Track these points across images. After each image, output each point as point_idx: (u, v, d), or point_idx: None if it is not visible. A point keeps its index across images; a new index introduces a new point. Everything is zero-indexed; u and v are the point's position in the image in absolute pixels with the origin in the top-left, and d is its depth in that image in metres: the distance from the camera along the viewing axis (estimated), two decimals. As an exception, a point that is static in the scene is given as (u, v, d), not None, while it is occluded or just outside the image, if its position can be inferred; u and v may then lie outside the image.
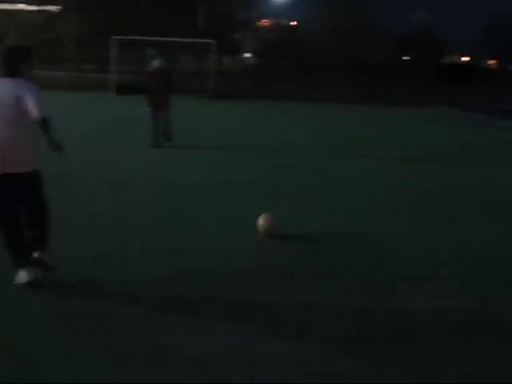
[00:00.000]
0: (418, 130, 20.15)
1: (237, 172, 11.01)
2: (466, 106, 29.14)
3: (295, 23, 67.01)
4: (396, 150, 14.69)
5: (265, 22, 63.92)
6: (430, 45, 68.01)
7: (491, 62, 74.45)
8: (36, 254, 5.24)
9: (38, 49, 39.44)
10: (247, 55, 64.99)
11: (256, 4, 51.88)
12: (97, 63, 44.06)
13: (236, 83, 35.16)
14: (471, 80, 55.28)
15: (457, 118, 26.13)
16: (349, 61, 56.89)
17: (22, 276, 5.15)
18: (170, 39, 32.17)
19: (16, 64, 5.06)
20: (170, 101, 13.33)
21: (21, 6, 41.73)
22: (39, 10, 44.45)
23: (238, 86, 33.60)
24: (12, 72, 5.05)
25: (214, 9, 47.27)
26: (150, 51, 14.41)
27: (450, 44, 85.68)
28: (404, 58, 72.68)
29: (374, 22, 61.73)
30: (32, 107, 4.86)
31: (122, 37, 30.94)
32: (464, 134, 19.69)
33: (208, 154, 12.80)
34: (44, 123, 4.86)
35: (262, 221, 7.05)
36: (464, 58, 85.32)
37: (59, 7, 46.73)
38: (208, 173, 10.81)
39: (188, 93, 28.02)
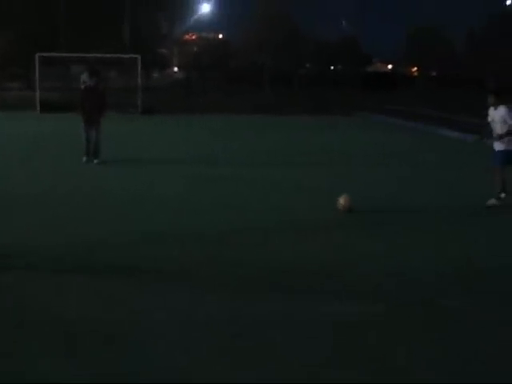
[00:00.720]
0: (340, 137, 20.66)
1: (169, 185, 11.12)
2: (389, 112, 30.00)
3: (221, 36, 67.41)
4: (323, 158, 15.04)
5: (191, 36, 64.02)
6: (355, 54, 69.47)
7: (413, 69, 76.65)
8: None
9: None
10: (175, 69, 64.93)
11: (181, 18, 51.87)
12: (21, 81, 43.22)
13: (164, 98, 35.06)
14: (393, 87, 56.93)
15: (375, 123, 27.10)
16: (277, 72, 57.52)
17: None
18: (95, 55, 31.90)
19: None
20: (101, 118, 13.52)
21: None
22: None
23: (166, 100, 33.51)
24: None
25: (138, 24, 47.01)
26: (79, 69, 14.52)
27: (375, 53, 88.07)
28: (331, 67, 74.03)
29: (300, 33, 62.70)
30: None
31: (45, 54, 30.48)
32: (379, 137, 20.52)
33: (138, 169, 12.82)
34: None
35: (342, 200, 8.85)
36: (389, 66, 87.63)
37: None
38: (139, 186, 10.87)
39: (115, 109, 27.79)
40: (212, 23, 63.20)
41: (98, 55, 32.88)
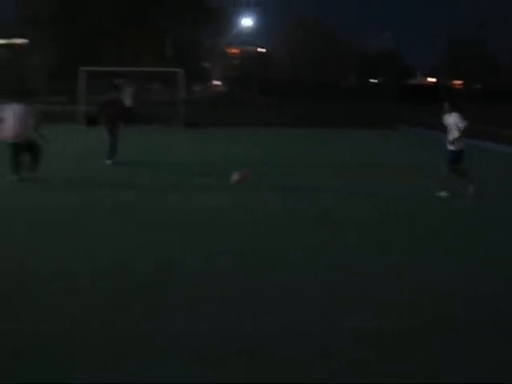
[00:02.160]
0: (376, 150, 20.53)
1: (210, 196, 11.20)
2: (430, 125, 29.69)
3: (263, 50, 67.64)
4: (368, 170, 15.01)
5: (233, 50, 64.48)
6: (396, 67, 69.15)
7: (457, 82, 75.84)
8: None
9: (6, 83, 39.37)
10: (217, 83, 65.42)
11: (224, 32, 52.34)
12: (65, 95, 43.97)
13: (206, 111, 35.33)
14: (435, 100, 56.40)
15: (417, 136, 26.98)
16: (318, 85, 57.54)
17: None
18: (139, 69, 32.33)
19: None
20: (119, 125, 15.41)
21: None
22: (6, 44, 44.37)
23: (208, 113, 33.75)
24: None
25: (182, 38, 47.59)
26: (120, 81, 15.62)
27: (419, 67, 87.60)
28: (372, 80, 73.79)
29: (341, 46, 62.73)
30: None
31: (89, 68, 30.97)
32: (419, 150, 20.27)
33: (182, 181, 12.97)
34: None
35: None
36: (432, 80, 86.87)
37: (26, 41, 46.73)
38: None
39: (158, 122, 28.24)
40: (254, 37, 63.61)
41: (142, 69, 33.31)
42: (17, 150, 12.24)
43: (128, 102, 28.17)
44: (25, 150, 12.35)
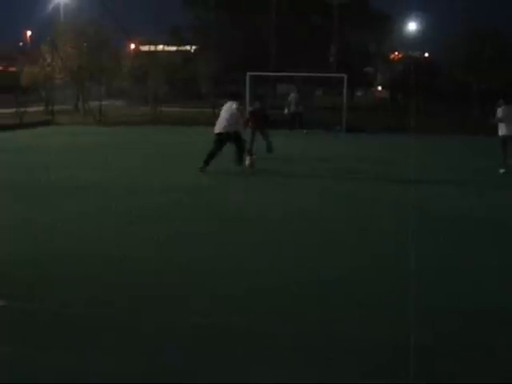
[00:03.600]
0: None
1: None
2: None
3: (428, 55, 65.53)
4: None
5: (397, 55, 63.11)
6: None
7: None
8: None
9: (178, 87, 41.21)
10: (379, 88, 64.36)
11: (388, 37, 51.40)
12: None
13: (368, 117, 34.75)
14: None
15: None
16: (486, 91, 54.79)
17: None
18: (303, 74, 32.40)
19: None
20: (266, 128, 17.78)
21: (160, 47, 43.74)
22: (177, 51, 46.38)
23: (370, 119, 33.17)
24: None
25: (346, 43, 47.35)
26: (285, 87, 16.62)
27: None
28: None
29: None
30: None
31: (255, 73, 31.50)
32: None
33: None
34: None
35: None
36: None
37: (195, 47, 48.68)
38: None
39: (320, 127, 28.23)
40: (419, 42, 61.88)
41: (306, 74, 33.42)
42: (220, 141, 14.03)
43: (292, 107, 28.37)
44: (231, 141, 14.18)
